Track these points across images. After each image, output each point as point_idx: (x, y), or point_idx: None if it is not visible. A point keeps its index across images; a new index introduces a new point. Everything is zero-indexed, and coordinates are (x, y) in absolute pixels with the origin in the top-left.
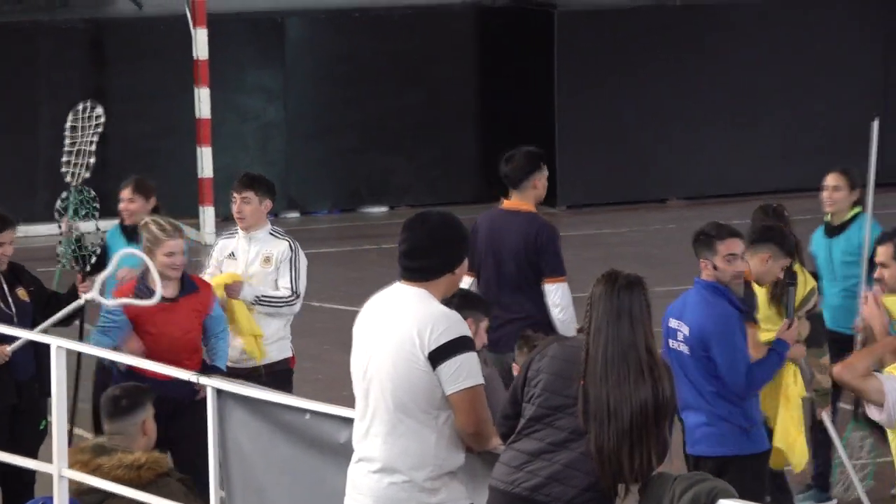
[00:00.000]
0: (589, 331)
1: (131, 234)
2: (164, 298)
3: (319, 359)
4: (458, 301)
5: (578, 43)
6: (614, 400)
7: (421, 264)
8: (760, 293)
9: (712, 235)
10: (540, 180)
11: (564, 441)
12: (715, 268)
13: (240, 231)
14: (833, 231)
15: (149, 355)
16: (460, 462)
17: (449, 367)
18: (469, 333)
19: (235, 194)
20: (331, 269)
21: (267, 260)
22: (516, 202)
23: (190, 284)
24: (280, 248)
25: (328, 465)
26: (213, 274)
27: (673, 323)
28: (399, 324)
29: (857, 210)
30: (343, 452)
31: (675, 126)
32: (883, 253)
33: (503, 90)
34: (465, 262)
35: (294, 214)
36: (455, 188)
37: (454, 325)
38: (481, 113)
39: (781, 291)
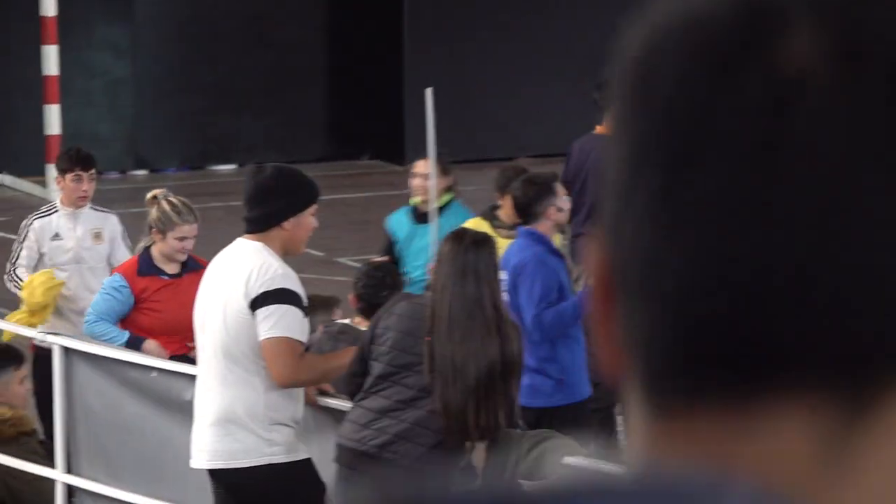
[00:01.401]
0: (436, 288)
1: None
2: (168, 275)
3: None
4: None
5: (427, 1)
6: (460, 357)
7: (251, 214)
8: None
9: (550, 179)
10: None
11: (412, 399)
12: (559, 209)
13: (61, 209)
14: (423, 217)
15: (153, 333)
16: (294, 413)
17: (262, 313)
18: (295, 288)
19: (81, 172)
20: None
21: (97, 236)
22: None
23: (192, 262)
24: (111, 222)
25: (174, 423)
26: (32, 258)
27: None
28: (231, 275)
29: (450, 196)
30: (189, 410)
31: (525, 84)
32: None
33: (351, 50)
34: (299, 219)
35: (142, 172)
36: (303, 147)
37: (278, 277)
38: (329, 73)
39: None
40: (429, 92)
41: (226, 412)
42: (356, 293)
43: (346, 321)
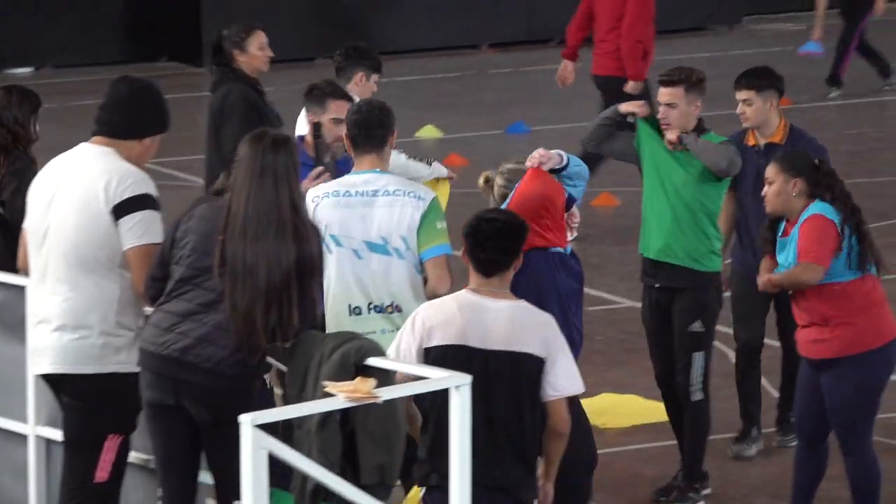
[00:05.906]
0: (234, 188)
1: None
2: None
3: None
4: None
5: None
6: (251, 256)
7: (112, 118)
8: None
9: (327, 92)
10: None
11: (213, 302)
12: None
13: None
14: None
15: None
16: (138, 318)
17: (129, 221)
18: (154, 192)
19: None
20: None
21: None
22: None
23: None
24: None
25: (7, 335)
26: None
27: None
28: (83, 180)
29: None
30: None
31: None
32: None
33: None
34: (154, 140)
35: None
36: (100, 49)
37: (140, 182)
38: None
39: None
40: None
41: (75, 318)
42: None
43: None
